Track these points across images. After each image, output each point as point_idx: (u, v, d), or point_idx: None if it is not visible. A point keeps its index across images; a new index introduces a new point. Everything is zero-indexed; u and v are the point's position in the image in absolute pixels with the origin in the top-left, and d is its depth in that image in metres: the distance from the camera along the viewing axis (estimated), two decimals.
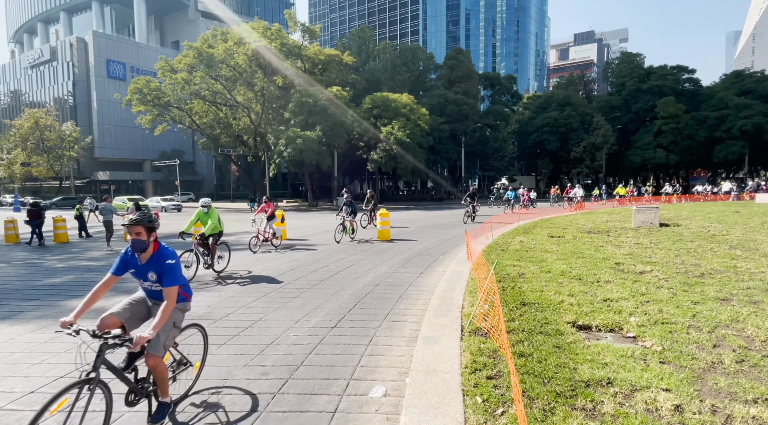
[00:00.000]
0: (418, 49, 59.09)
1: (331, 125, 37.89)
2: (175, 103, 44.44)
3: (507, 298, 5.97)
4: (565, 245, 10.85)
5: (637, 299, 5.81)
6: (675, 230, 13.78)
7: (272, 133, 40.59)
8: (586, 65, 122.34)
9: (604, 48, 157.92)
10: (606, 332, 4.77)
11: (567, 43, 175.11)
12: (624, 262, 8.48)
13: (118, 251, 12.76)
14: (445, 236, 14.87)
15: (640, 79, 57.51)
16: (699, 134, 52.03)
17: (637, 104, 57.30)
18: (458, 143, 51.82)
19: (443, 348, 4.31)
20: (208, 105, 45.63)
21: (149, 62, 62.55)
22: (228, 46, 40.13)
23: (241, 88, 43.44)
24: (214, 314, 6.07)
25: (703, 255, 9.08)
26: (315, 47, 46.01)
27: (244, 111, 44.97)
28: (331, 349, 4.70)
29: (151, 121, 44.93)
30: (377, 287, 7.51)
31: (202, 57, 40.60)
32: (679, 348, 4.20)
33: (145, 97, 42.64)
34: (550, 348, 4.23)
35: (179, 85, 41.69)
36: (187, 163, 65.14)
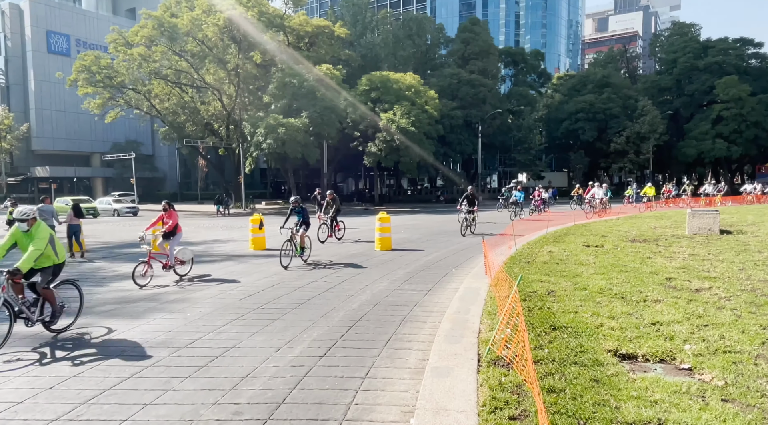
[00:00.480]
0: (425, 19, 59.46)
1: (319, 110, 38.01)
2: (131, 84, 44.59)
3: (534, 321, 5.95)
4: (604, 257, 10.85)
5: (693, 323, 5.80)
6: (739, 239, 13.77)
7: (248, 120, 40.72)
8: (629, 38, 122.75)
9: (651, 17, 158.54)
10: (655, 362, 4.75)
11: (606, 11, 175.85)
12: (676, 277, 8.47)
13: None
14: (457, 246, 14.88)
15: (695, 54, 57.66)
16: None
17: (691, 85, 57.44)
18: (474, 132, 51.93)
19: (456, 381, 4.28)
20: (170, 86, 45.79)
21: (99, 34, 62.76)
22: (195, 15, 40.33)
23: (211, 67, 43.61)
24: (177, 340, 6.06)
25: None
26: (300, 17, 46.25)
27: (214, 94, 45.13)
28: (319, 383, 4.68)
29: (101, 105, 45.03)
30: (376, 308, 7.51)
31: (164, 28, 40.80)
32: (745, 382, 4.18)
33: (94, 76, 42.78)
34: (587, 381, 4.21)
35: (136, 62, 41.85)
36: (145, 156, 65.24)
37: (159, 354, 5.57)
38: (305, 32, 45.51)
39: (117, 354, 5.58)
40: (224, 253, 14.17)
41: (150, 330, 6.51)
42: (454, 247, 14.65)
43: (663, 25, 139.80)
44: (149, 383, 4.75)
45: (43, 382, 4.82)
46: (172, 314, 7.33)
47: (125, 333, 6.44)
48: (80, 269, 11.83)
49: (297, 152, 37.31)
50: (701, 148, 53.63)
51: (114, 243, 17.54)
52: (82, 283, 9.94)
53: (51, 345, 5.99)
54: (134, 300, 8.32)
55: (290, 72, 39.50)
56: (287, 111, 38.97)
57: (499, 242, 13.65)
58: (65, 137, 63.14)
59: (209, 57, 42.43)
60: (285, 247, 11.30)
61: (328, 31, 46.12)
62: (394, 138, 39.70)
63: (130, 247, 16.21)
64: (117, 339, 6.16)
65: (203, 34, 40.53)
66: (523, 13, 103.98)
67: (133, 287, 9.34)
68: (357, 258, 12.68)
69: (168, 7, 42.83)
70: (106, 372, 5.04)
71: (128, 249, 15.61)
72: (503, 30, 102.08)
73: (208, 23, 39.77)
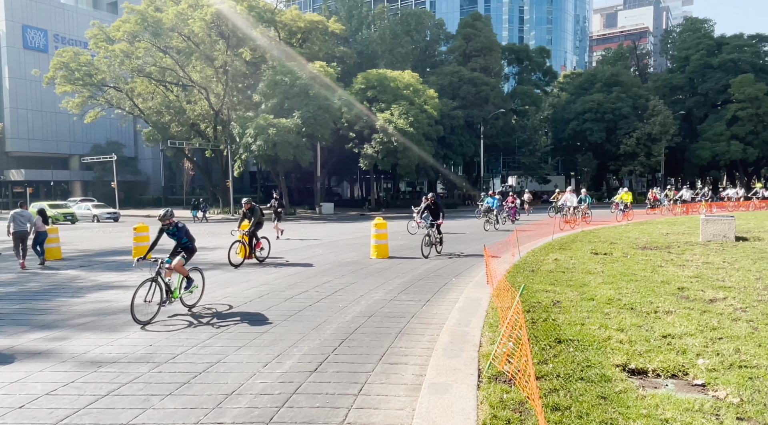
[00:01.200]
0: (425, 14, 59.74)
1: (312, 110, 38.06)
2: (112, 81, 44.61)
3: (538, 333, 5.95)
4: (612, 265, 10.86)
5: (706, 336, 5.80)
6: (755, 246, 13.82)
7: (237, 120, 40.74)
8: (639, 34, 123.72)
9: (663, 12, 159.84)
10: (666, 378, 4.75)
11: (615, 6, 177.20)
12: (689, 287, 8.48)
13: (38, 273, 12.69)
14: (457, 253, 14.87)
15: (708, 51, 58.14)
16: None
17: (705, 84, 57.87)
18: (475, 133, 52.11)
19: (455, 398, 4.27)
20: (154, 85, 45.82)
21: (79, 29, 62.84)
22: (181, 9, 40.43)
23: (198, 64, 43.67)
24: (158, 355, 6.02)
25: None
26: (293, 11, 46.42)
27: (201, 92, 45.15)
28: (309, 401, 4.65)
29: (80, 104, 45.01)
30: (370, 320, 7.49)
31: (147, 23, 40.87)
32: (762, 399, 4.17)
33: (73, 73, 42.79)
34: (594, 398, 4.20)
35: (117, 58, 41.89)
36: (127, 159, 65.20)
37: (138, 369, 5.53)
38: (297, 28, 45.65)
39: (93, 370, 5.54)
40: (210, 261, 14.13)
41: (129, 344, 6.47)
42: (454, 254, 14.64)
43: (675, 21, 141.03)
44: (127, 401, 4.71)
45: (13, 401, 4.78)
46: (154, 327, 7.29)
47: (102, 347, 6.39)
48: (56, 279, 11.76)
49: (289, 153, 37.30)
50: (716, 150, 53.93)
51: (93, 251, 17.46)
52: (55, 295, 9.91)
53: (24, 359, 5.94)
54: (113, 312, 8.28)
55: (282, 70, 39.58)
56: (278, 111, 39.02)
57: (502, 248, 13.65)
58: (41, 138, 63.00)
59: (196, 53, 42.49)
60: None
61: (322, 27, 46.26)
62: (391, 139, 39.76)
63: (111, 255, 16.15)
64: (94, 354, 6.12)
65: (189, 29, 40.61)
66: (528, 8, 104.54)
67: (112, 299, 9.29)
68: (351, 266, 12.66)
69: (152, 1, 42.91)
70: (81, 390, 4.99)
71: (108, 257, 15.55)
72: (506, 26, 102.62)
73: (194, 18, 39.86)
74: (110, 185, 51.13)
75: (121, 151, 61.84)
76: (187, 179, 62.50)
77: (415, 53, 56.70)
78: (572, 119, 58.27)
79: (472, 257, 14.16)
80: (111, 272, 12.66)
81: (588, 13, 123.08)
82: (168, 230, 8.23)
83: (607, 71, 60.67)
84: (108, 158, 50.54)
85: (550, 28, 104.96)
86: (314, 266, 12.85)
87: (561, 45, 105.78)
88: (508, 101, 57.70)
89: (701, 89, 58.46)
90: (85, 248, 18.58)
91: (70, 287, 10.63)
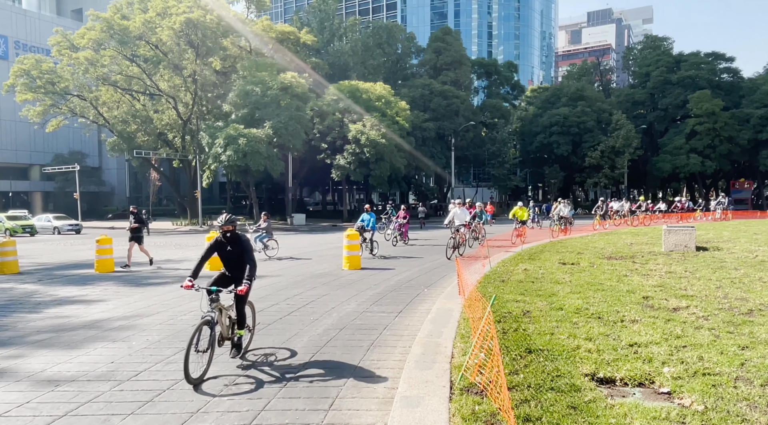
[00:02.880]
0: (396, 27, 60.39)
1: (284, 120, 37.84)
2: (76, 90, 43.46)
3: (509, 343, 5.97)
4: (580, 275, 11.05)
5: (671, 344, 5.92)
6: (715, 256, 14.29)
7: (206, 130, 40.13)
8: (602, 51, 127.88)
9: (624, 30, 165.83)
10: (634, 386, 4.81)
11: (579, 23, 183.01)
12: (654, 296, 8.68)
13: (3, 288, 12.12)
14: (430, 264, 14.91)
15: (668, 68, 60.44)
16: (741, 136, 54.78)
17: (665, 99, 60.04)
18: (446, 145, 52.71)
19: (427, 411, 4.22)
20: (120, 93, 44.84)
21: (41, 36, 61.15)
22: (148, 17, 39.81)
23: (166, 73, 42.97)
24: (119, 372, 5.78)
25: (751, 287, 9.41)
26: (264, 22, 46.29)
27: (169, 102, 44.37)
28: (278, 417, 4.53)
29: (41, 113, 43.71)
30: (342, 332, 7.40)
31: (114, 31, 40.06)
32: (725, 406, 4.26)
33: (35, 81, 41.57)
34: (564, 408, 4.22)
35: (82, 66, 40.87)
36: (90, 169, 63.42)
37: (99, 388, 5.30)
38: (269, 38, 45.50)
39: (50, 389, 5.28)
40: (177, 275, 13.77)
41: (89, 362, 6.20)
42: (426, 265, 14.66)
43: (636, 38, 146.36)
44: (86, 421, 4.50)
45: None
46: (115, 343, 7.02)
47: (61, 365, 6.11)
48: (12, 293, 11.25)
49: (259, 164, 36.90)
50: (676, 163, 55.84)
51: (53, 264, 16.81)
52: (11, 310, 9.47)
53: None
54: (72, 328, 7.95)
55: (252, 80, 39.29)
56: (249, 121, 38.64)
57: (473, 259, 13.75)
58: (0, 147, 60.76)
59: (164, 62, 41.82)
60: None
61: (294, 38, 46.27)
62: (363, 150, 39.82)
63: (71, 268, 15.58)
64: (51, 372, 5.84)
65: (157, 37, 39.99)
66: (496, 24, 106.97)
67: (72, 314, 8.93)
68: (323, 278, 12.52)
69: (118, 9, 42.15)
70: (37, 411, 4.75)
71: (69, 271, 14.99)
72: (476, 41, 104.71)
73: (162, 26, 39.29)
74: (73, 196, 49.54)
75: (84, 161, 60.15)
76: (153, 190, 61.09)
77: (387, 66, 57.18)
78: (539, 132, 59.59)
79: (444, 267, 14.20)
80: (71, 286, 12.20)
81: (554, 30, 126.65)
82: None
83: (573, 86, 62.38)
84: (71, 168, 49.03)
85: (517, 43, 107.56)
86: (285, 278, 12.67)
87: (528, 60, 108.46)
88: (478, 114, 58.66)
89: (661, 104, 60.62)
90: (45, 261, 17.88)
91: (28, 303, 10.18)
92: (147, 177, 62.77)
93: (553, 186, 62.33)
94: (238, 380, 5.49)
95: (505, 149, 60.89)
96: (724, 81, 60.85)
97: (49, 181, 62.16)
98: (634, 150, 56.03)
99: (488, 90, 67.10)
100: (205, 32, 39.87)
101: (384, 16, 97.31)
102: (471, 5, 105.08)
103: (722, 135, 54.67)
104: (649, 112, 63.28)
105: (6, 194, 60.83)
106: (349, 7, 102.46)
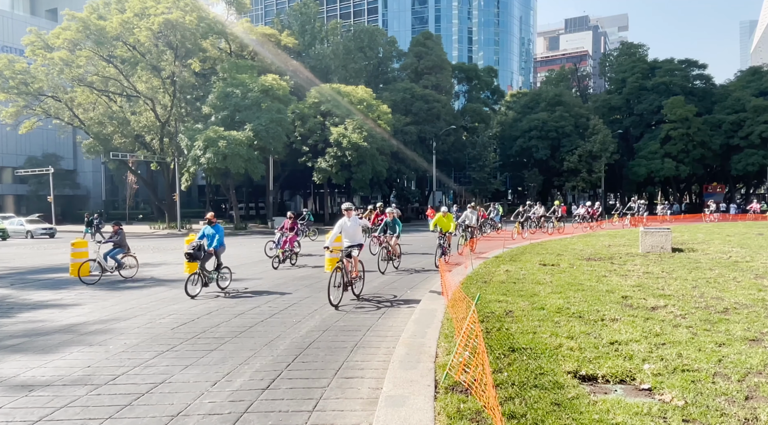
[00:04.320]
0: (377, 31, 60.49)
1: (265, 123, 37.55)
2: (50, 91, 42.55)
3: (492, 342, 5.99)
4: (560, 276, 11.17)
5: (650, 341, 6.01)
6: (690, 257, 14.60)
7: (185, 132, 39.61)
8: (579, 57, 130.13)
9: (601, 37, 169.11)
10: (615, 383, 4.86)
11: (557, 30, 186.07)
12: (632, 295, 8.82)
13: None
14: (412, 265, 14.91)
15: (643, 74, 61.75)
16: (713, 141, 56.23)
17: (640, 105, 61.32)
18: (428, 149, 52.93)
19: (412, 410, 4.20)
20: (96, 95, 44.00)
21: (14, 36, 59.69)
22: (126, 17, 39.19)
23: (144, 74, 42.34)
24: (96, 376, 5.64)
25: (726, 286, 9.63)
26: (244, 24, 45.95)
27: (146, 103, 43.69)
28: (261, 419, 4.46)
29: (14, 114, 42.65)
30: (325, 334, 7.34)
31: (90, 31, 39.34)
32: (704, 401, 4.33)
33: (7, 82, 40.59)
34: (548, 405, 4.24)
35: (56, 67, 40.03)
36: (65, 172, 62.01)
37: (75, 392, 5.15)
38: (249, 40, 45.17)
39: (23, 395, 5.12)
40: (154, 277, 13.52)
41: (65, 366, 6.04)
42: (408, 267, 14.65)
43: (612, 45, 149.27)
44: None
45: None
46: (92, 347, 6.85)
47: (35, 369, 5.93)
48: None
49: (240, 167, 36.52)
50: (651, 167, 57.00)
51: (25, 268, 16.37)
52: None
53: None
54: (47, 332, 7.73)
55: (233, 82, 38.94)
56: (229, 123, 38.26)
57: (455, 261, 13.80)
58: None
59: (141, 63, 41.20)
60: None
61: (275, 40, 46.02)
62: (345, 153, 39.72)
63: (45, 272, 15.19)
64: (25, 377, 5.67)
65: (135, 38, 39.40)
66: (476, 29, 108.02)
67: (46, 318, 8.69)
68: (305, 281, 12.43)
69: (95, 9, 41.43)
70: (10, 416, 4.59)
71: (43, 275, 14.61)
72: (456, 46, 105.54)
73: (140, 27, 38.72)
74: (46, 200, 48.36)
75: (58, 163, 58.79)
76: (130, 193, 59.96)
77: (369, 69, 57.25)
78: (519, 137, 60.27)
79: (427, 271, 14.21)
80: (45, 290, 11.89)
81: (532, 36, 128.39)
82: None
83: (551, 91, 63.29)
84: (44, 171, 47.89)
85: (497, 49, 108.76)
86: (266, 280, 12.53)
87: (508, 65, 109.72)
88: (459, 118, 59.07)
89: (637, 110, 61.90)
90: (17, 265, 17.41)
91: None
92: (124, 180, 61.67)
93: (533, 190, 63.08)
94: (219, 382, 5.40)
95: (485, 152, 61.43)
96: (697, 87, 62.41)
97: (22, 184, 60.60)
98: (610, 154, 57.01)
99: (469, 94, 67.64)
100: (184, 33, 39.40)
101: (365, 20, 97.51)
102: (451, 11, 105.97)
103: (695, 140, 56.03)
104: (625, 117, 64.54)
105: None
106: (330, 11, 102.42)
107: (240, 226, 40.73)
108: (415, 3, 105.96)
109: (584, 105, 65.81)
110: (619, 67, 65.61)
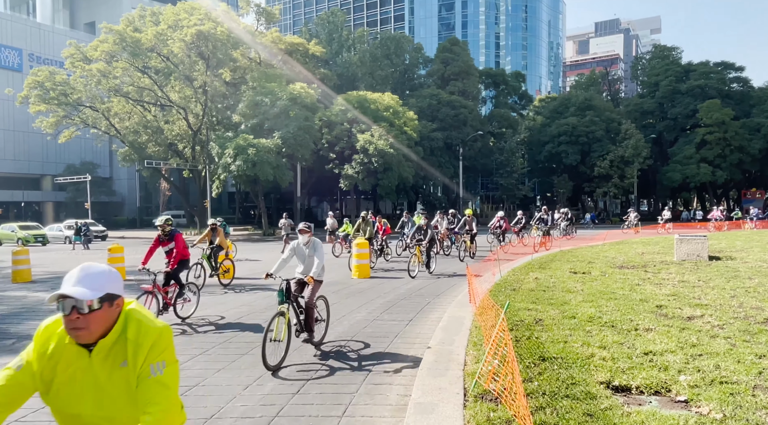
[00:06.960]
0: (404, 38, 60.84)
1: (293, 131, 38.11)
2: (88, 101, 44.04)
3: (521, 351, 5.93)
4: (591, 284, 10.97)
5: (686, 352, 5.85)
6: (728, 265, 14.14)
7: (216, 141, 40.50)
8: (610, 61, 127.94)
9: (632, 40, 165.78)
10: (650, 395, 4.76)
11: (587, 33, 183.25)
12: (667, 305, 8.60)
13: (6, 296, 12.24)
14: (439, 272, 14.85)
15: (677, 78, 60.26)
16: (752, 146, 54.35)
17: (674, 109, 59.78)
18: (455, 155, 52.75)
19: (441, 418, 4.20)
20: (131, 104, 45.37)
21: (55, 49, 62.14)
22: (160, 29, 40.40)
23: (177, 84, 43.48)
24: None
25: (766, 296, 9.30)
26: (273, 34, 46.78)
27: (179, 112, 44.86)
28: (292, 423, 4.53)
29: (54, 124, 44.24)
30: (353, 340, 7.39)
31: (126, 43, 40.65)
32: (744, 415, 4.21)
33: (48, 93, 42.14)
34: (581, 416, 4.18)
35: (94, 78, 41.45)
36: (101, 179, 64.02)
37: None
38: (278, 50, 45.97)
39: None
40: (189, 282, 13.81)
41: None
42: (435, 273, 14.61)
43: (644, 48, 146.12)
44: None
45: None
46: None
47: None
48: (25, 301, 11.35)
49: (268, 174, 37.12)
50: (686, 173, 55.43)
51: (64, 273, 16.92)
52: (24, 318, 9.54)
53: None
54: None
55: (262, 91, 39.65)
56: (258, 131, 38.95)
57: (483, 268, 13.70)
58: (13, 158, 61.57)
59: (174, 74, 42.32)
60: None
61: (303, 49, 46.71)
62: (371, 160, 39.94)
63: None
64: None
65: (169, 49, 40.52)
66: (504, 35, 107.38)
67: None
68: (333, 287, 12.52)
69: (131, 21, 42.79)
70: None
71: None
72: (483, 51, 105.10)
73: (174, 38, 39.82)
74: (84, 206, 50.02)
75: (95, 171, 60.71)
76: (163, 200, 61.53)
77: (395, 76, 57.54)
78: (548, 142, 59.46)
79: (454, 276, 14.15)
80: None
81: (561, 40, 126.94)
82: None
83: (581, 96, 62.30)
84: (82, 179, 49.55)
85: (525, 53, 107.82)
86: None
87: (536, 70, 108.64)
88: (486, 124, 58.71)
89: (671, 114, 60.36)
90: (57, 270, 18.03)
91: (41, 310, 10.26)
92: (157, 187, 63.34)
93: (562, 196, 62.09)
94: (251, 386, 5.50)
95: (513, 158, 60.84)
96: (734, 90, 60.54)
97: (61, 191, 62.79)
98: (643, 160, 55.66)
99: (496, 100, 67.22)
100: (215, 44, 40.34)
101: (392, 27, 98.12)
102: (478, 16, 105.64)
103: (733, 144, 54.29)
104: (659, 121, 63.01)
105: (18, 204, 61.53)
106: (357, 19, 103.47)
107: (268, 232, 41.32)
108: (442, 9, 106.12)
109: (615, 109, 64.57)
110: (651, 70, 64.18)
